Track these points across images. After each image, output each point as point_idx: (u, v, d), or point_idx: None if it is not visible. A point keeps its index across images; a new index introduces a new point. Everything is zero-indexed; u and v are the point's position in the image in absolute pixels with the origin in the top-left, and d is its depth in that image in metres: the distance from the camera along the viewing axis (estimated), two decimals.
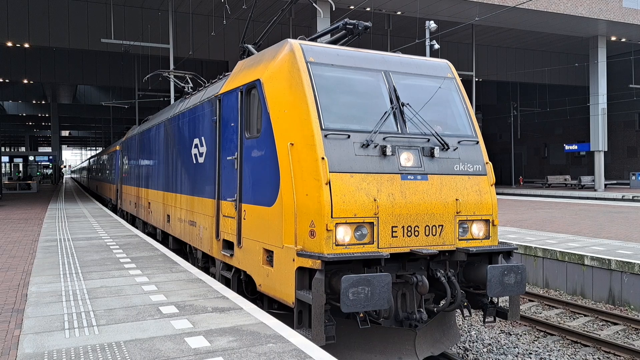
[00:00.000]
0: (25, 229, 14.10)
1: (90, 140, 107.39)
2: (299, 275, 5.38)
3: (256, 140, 6.34)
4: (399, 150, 5.76)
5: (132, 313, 5.49)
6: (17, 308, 5.89)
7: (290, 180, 5.54)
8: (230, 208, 7.10)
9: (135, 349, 4.36)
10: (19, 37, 29.37)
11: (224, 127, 7.43)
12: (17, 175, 54.89)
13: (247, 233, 6.55)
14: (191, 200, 9.23)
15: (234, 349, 4.35)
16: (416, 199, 5.66)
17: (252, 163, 6.44)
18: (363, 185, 5.43)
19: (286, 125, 5.73)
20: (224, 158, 7.37)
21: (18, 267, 8.42)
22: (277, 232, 5.74)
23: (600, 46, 35.81)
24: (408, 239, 5.60)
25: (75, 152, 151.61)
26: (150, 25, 31.31)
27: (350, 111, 5.79)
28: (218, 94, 7.75)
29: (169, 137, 11.22)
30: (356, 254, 5.16)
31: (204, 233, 8.43)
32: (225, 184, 7.32)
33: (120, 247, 10.41)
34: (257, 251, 6.25)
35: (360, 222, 5.36)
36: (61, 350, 4.34)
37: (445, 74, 6.82)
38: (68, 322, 5.18)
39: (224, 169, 7.40)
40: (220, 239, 7.58)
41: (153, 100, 43.05)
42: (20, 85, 53.61)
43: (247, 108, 6.72)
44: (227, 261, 7.30)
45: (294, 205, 5.47)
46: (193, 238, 9.15)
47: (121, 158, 20.46)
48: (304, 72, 5.80)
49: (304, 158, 5.45)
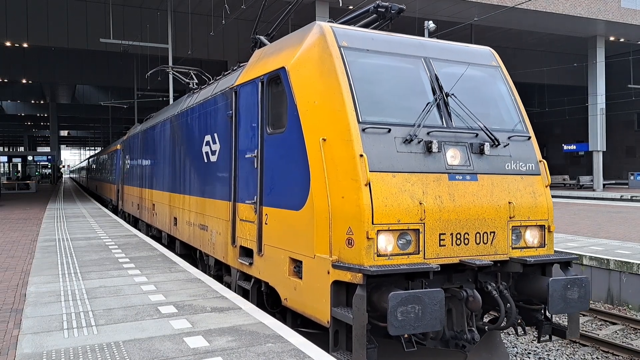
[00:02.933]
0: (24, 229, 14.09)
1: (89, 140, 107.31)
2: (335, 290, 4.77)
3: (280, 135, 5.72)
4: (445, 147, 5.16)
5: (131, 313, 5.48)
6: (15, 308, 5.88)
7: (322, 180, 4.95)
8: (249, 211, 6.47)
9: (134, 349, 4.36)
10: (18, 36, 29.34)
11: (241, 122, 6.82)
12: (15, 175, 54.83)
13: (269, 240, 5.93)
14: (202, 202, 8.62)
15: (233, 349, 4.35)
16: (465, 202, 5.06)
17: (276, 161, 5.83)
18: (407, 187, 4.84)
19: (317, 118, 5.13)
20: (241, 156, 6.78)
21: (17, 267, 8.41)
22: (307, 240, 5.12)
23: (599, 46, 35.84)
24: (457, 247, 4.99)
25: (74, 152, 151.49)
26: (149, 25, 31.30)
27: (389, 102, 5.19)
28: (233, 86, 7.10)
29: (176, 135, 10.55)
30: (402, 267, 4.57)
31: (217, 238, 7.79)
32: (243, 185, 6.71)
33: (119, 247, 10.41)
34: (282, 260, 5.63)
35: (404, 229, 4.77)
36: (60, 350, 4.33)
37: (489, 61, 6.22)
38: (67, 322, 5.17)
39: (240, 168, 6.79)
40: (236, 245, 6.91)
41: (152, 100, 43.02)
42: (19, 85, 53.57)
43: (269, 100, 6.08)
44: (245, 270, 6.65)
45: (327, 209, 4.87)
46: (204, 243, 8.48)
47: (122, 157, 19.83)
48: (337, 57, 5.17)
49: (339, 155, 4.86)
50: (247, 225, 6.55)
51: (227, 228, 7.26)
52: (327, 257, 4.82)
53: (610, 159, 48.84)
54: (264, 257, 6.04)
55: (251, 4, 28.61)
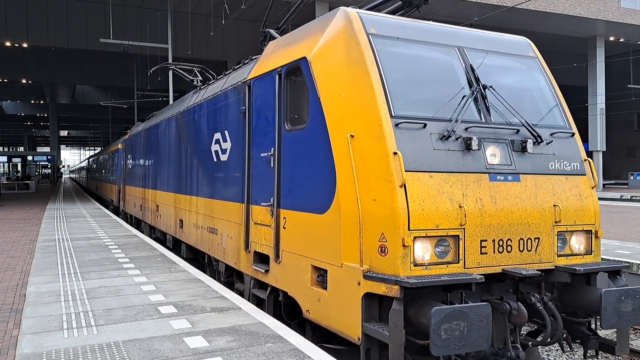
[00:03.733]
0: (23, 229, 14.09)
1: (89, 140, 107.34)
2: (367, 303, 4.38)
3: (301, 132, 5.30)
4: (484, 144, 4.78)
5: (130, 313, 5.48)
6: (15, 308, 5.88)
7: (350, 181, 4.55)
8: (265, 214, 6.06)
9: (134, 349, 4.36)
10: (18, 36, 29.35)
11: (256, 118, 6.42)
12: (15, 175, 54.85)
13: (288, 245, 5.52)
14: (211, 204, 8.19)
15: (233, 349, 4.35)
16: (508, 205, 4.68)
17: (295, 160, 5.41)
18: (445, 188, 4.45)
19: (343, 113, 4.74)
20: (256, 155, 6.38)
21: (17, 267, 8.41)
22: (333, 247, 4.71)
23: (599, 46, 35.86)
24: (499, 255, 4.60)
25: (73, 152, 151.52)
26: (149, 25, 31.31)
27: (422, 95, 4.80)
28: (247, 80, 6.70)
29: (182, 133, 10.11)
30: (444, 277, 4.16)
31: (228, 243, 7.35)
32: (257, 186, 6.31)
33: (119, 247, 10.41)
34: (303, 268, 5.22)
35: (443, 235, 4.37)
36: (60, 351, 4.33)
37: (526, 52, 5.81)
38: (67, 322, 5.17)
39: (255, 167, 6.40)
40: (250, 250, 6.50)
41: (152, 100, 43.03)
42: (19, 85, 53.58)
43: (288, 94, 5.67)
44: (260, 278, 6.25)
45: (357, 213, 4.46)
46: (213, 248, 8.04)
47: (124, 157, 19.41)
48: (366, 45, 4.79)
49: (370, 153, 4.46)
50: (263, 230, 6.14)
51: (239, 232, 6.87)
52: (357, 267, 4.43)
53: (610, 159, 48.86)
54: (282, 264, 5.65)
55: (251, 4, 28.62)
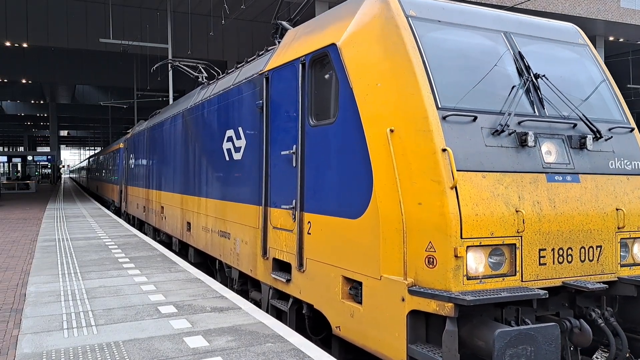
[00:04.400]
0: (23, 229, 14.09)
1: (89, 140, 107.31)
2: (413, 322, 3.90)
3: (329, 127, 4.84)
4: (539, 140, 4.31)
5: (130, 313, 5.49)
6: (15, 308, 5.89)
7: (390, 181, 4.07)
8: (285, 218, 5.60)
9: (134, 349, 4.36)
10: (18, 36, 29.35)
11: (275, 112, 5.94)
12: (15, 175, 54.87)
13: (313, 253, 5.05)
14: (222, 206, 7.67)
15: (233, 349, 4.36)
16: (568, 210, 4.20)
17: (322, 158, 4.95)
18: (500, 190, 3.97)
19: (381, 104, 4.27)
20: (275, 153, 5.91)
21: (17, 267, 8.42)
22: (370, 256, 4.24)
23: (599, 46, 35.86)
24: (559, 266, 4.13)
25: (73, 152, 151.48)
26: (148, 25, 31.31)
27: (469, 84, 4.33)
28: (264, 72, 6.22)
29: (190, 130, 9.59)
30: (503, 293, 3.67)
31: (242, 248, 6.85)
32: (277, 187, 5.83)
33: (119, 247, 10.41)
34: (332, 280, 4.75)
35: (498, 244, 3.88)
36: (60, 350, 4.34)
37: (576, 39, 5.36)
38: (67, 322, 5.18)
39: (274, 167, 5.93)
40: (268, 257, 6.03)
41: (152, 100, 43.01)
42: (19, 85, 53.56)
43: (313, 85, 5.20)
44: (280, 288, 5.77)
45: (399, 218, 3.99)
46: (225, 253, 7.55)
47: (126, 156, 18.88)
48: (405, 29, 4.33)
49: (414, 150, 3.99)
50: (283, 235, 5.65)
51: (255, 237, 6.39)
52: (400, 280, 3.96)
53: None
54: (307, 273, 5.17)
55: (251, 4, 28.62)
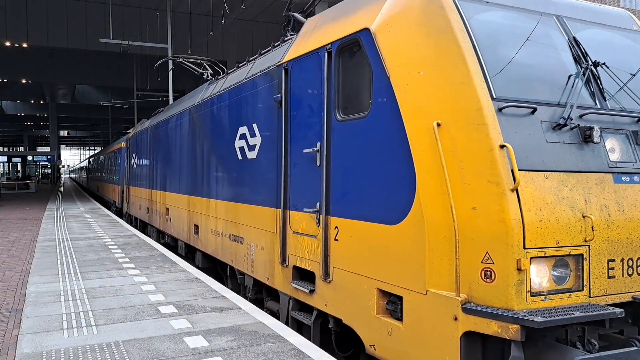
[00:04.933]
0: (23, 229, 14.09)
1: (88, 140, 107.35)
2: (468, 345, 3.44)
3: (360, 122, 4.41)
4: (603, 136, 3.89)
5: (130, 313, 5.49)
6: (15, 308, 5.89)
7: (438, 182, 3.61)
8: (308, 222, 5.17)
9: (134, 349, 4.36)
10: (18, 36, 29.35)
11: (295, 107, 5.52)
12: (15, 175, 54.90)
13: (342, 262, 4.61)
14: (234, 209, 7.24)
15: (233, 349, 4.36)
16: (638, 215, 3.78)
17: (351, 156, 4.52)
18: (564, 193, 3.50)
19: (424, 95, 3.82)
20: (295, 151, 5.48)
21: (17, 267, 8.42)
22: (412, 267, 3.78)
23: None
24: (628, 279, 3.69)
25: (73, 152, 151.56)
26: (148, 25, 31.32)
27: (523, 72, 3.89)
28: (282, 63, 5.80)
29: (197, 128, 9.15)
30: (578, 314, 3.19)
31: (257, 254, 6.41)
32: (298, 188, 5.41)
33: (118, 246, 10.42)
34: (365, 292, 4.31)
35: (564, 254, 3.41)
36: (60, 350, 4.34)
37: (630, 25, 4.99)
38: (67, 322, 5.18)
39: (294, 166, 5.50)
40: (288, 264, 5.60)
41: (152, 100, 43.02)
42: (19, 85, 53.56)
43: (341, 75, 4.77)
44: (302, 299, 5.32)
45: (449, 225, 3.53)
46: (238, 259, 7.11)
47: (128, 156, 18.38)
48: (452, 10, 3.89)
49: (465, 146, 3.52)
50: (305, 241, 5.22)
51: (272, 242, 5.97)
52: (452, 296, 3.46)
53: None
54: (334, 284, 4.74)
55: (251, 4, 28.63)
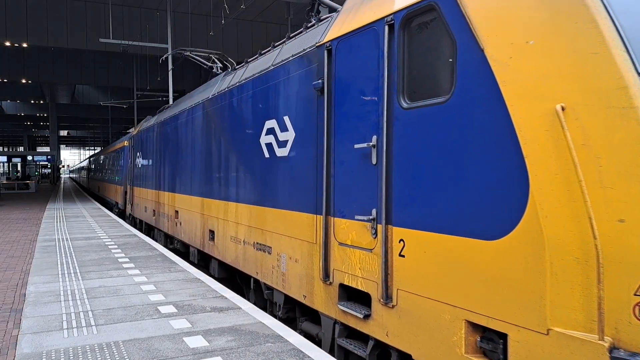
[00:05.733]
0: (23, 229, 14.09)
1: (88, 140, 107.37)
2: None
3: (439, 108, 3.60)
4: None
5: (130, 313, 5.49)
6: (15, 308, 5.89)
7: (565, 185, 2.82)
8: (360, 232, 4.41)
9: (133, 349, 4.36)
10: (17, 36, 29.35)
11: (342, 94, 4.74)
12: (15, 175, 54.92)
13: (410, 283, 3.83)
14: (260, 214, 6.49)
15: (233, 349, 4.36)
16: None
17: (424, 152, 3.74)
18: None
19: (538, 70, 3.02)
20: (342, 146, 4.71)
21: (16, 267, 8.42)
22: (523, 296, 3.01)
23: None
24: None
25: (73, 152, 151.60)
26: (148, 25, 31.32)
27: None
28: (324, 43, 4.99)
29: (213, 123, 8.39)
30: None
31: (290, 267, 5.63)
32: (344, 191, 4.65)
33: (118, 246, 10.41)
34: (447, 323, 3.50)
35: None
36: (59, 350, 4.34)
37: None
38: (66, 321, 5.18)
39: (339, 164, 4.73)
40: (332, 282, 4.80)
41: (152, 100, 43.02)
42: (19, 85, 53.57)
43: (406, 52, 3.98)
44: (353, 325, 4.50)
45: (585, 242, 2.74)
46: (265, 271, 6.32)
47: (132, 155, 17.63)
48: None
49: (606, 137, 2.73)
50: (356, 255, 4.48)
51: (311, 254, 5.22)
52: (592, 339, 2.68)
53: None
54: (399, 310, 3.95)
55: (251, 4, 28.63)
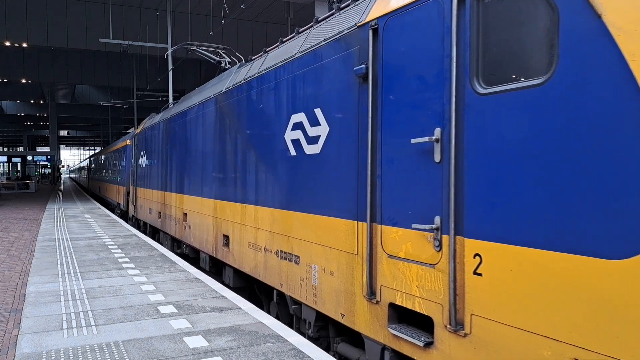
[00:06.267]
0: (23, 229, 14.09)
1: (88, 140, 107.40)
2: None
3: (534, 92, 2.97)
4: None
5: (130, 313, 5.49)
6: (15, 308, 5.89)
7: None
8: (418, 244, 3.75)
9: (133, 349, 4.36)
10: (17, 36, 29.36)
11: (393, 79, 4.09)
12: (15, 175, 54.94)
13: (490, 307, 3.18)
14: (285, 218, 5.76)
15: (233, 349, 4.36)
16: None
17: (512, 146, 3.09)
18: None
19: None
20: (393, 141, 4.03)
21: (16, 267, 8.41)
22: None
23: None
24: None
25: (73, 152, 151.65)
26: (148, 25, 31.33)
27: None
28: (367, 22, 4.34)
29: (227, 119, 7.68)
30: None
31: (324, 280, 4.88)
32: (396, 193, 3.97)
33: (118, 246, 10.41)
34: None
35: None
36: (59, 350, 4.34)
37: None
38: (66, 321, 5.18)
39: (389, 162, 4.06)
40: (379, 300, 4.11)
41: (152, 100, 43.03)
42: (19, 85, 53.60)
43: (483, 25, 3.34)
44: (409, 353, 3.82)
45: None
46: (291, 283, 5.57)
47: (135, 154, 16.92)
48: None
49: None
50: (414, 270, 3.79)
51: (351, 266, 4.48)
52: None
53: None
54: (474, 339, 3.29)
55: (250, 4, 28.64)
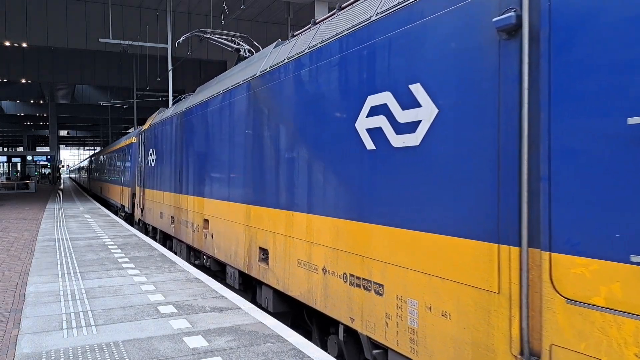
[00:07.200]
0: (23, 229, 14.08)
1: (88, 140, 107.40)
2: None
3: None
4: None
5: (130, 313, 5.49)
6: (15, 308, 5.88)
7: None
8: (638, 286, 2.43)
9: (133, 349, 4.36)
10: (17, 36, 29.36)
11: (573, 31, 2.70)
12: (15, 175, 54.94)
13: None
14: (357, 232, 4.37)
15: (233, 349, 4.36)
16: None
17: None
18: None
19: None
20: (577, 124, 2.66)
21: (16, 267, 8.41)
22: None
23: None
24: None
25: (73, 152, 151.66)
26: (148, 25, 31.33)
27: None
28: None
29: (266, 107, 6.32)
30: None
31: (430, 322, 3.57)
32: (582, 203, 2.64)
33: (118, 246, 10.41)
34: None
35: None
36: (59, 350, 4.34)
37: None
38: (66, 321, 5.18)
39: (569, 156, 2.71)
40: (546, 355, 2.78)
41: (152, 100, 43.03)
42: (19, 85, 53.61)
43: None
44: None
45: None
46: (369, 318, 4.18)
47: (142, 152, 15.29)
48: None
49: None
50: (627, 327, 2.49)
51: (486, 309, 3.19)
52: None
53: None
54: None
55: (250, 4, 28.64)
